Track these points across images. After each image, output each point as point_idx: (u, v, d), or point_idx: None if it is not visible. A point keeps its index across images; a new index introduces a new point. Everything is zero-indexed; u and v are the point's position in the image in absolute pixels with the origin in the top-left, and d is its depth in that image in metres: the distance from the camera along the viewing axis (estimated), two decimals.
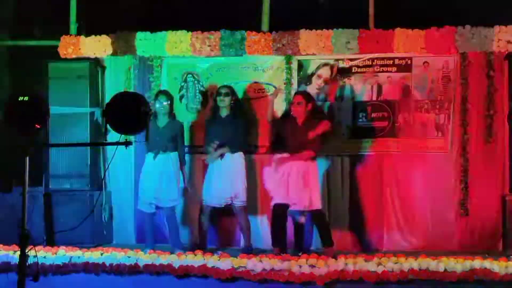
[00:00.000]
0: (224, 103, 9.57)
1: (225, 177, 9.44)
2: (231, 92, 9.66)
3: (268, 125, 10.02)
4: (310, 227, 9.70)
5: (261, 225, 10.12)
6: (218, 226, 10.21)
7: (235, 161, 9.49)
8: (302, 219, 9.34)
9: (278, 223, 9.22)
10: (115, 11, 10.70)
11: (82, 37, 10.53)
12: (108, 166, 10.05)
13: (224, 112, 9.62)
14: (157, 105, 9.53)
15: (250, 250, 9.25)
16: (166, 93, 9.69)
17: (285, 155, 9.26)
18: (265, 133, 10.20)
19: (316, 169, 9.31)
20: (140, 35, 10.42)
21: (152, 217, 9.57)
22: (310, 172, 9.14)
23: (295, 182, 9.08)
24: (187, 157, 9.97)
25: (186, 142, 9.98)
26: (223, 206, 9.54)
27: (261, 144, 10.24)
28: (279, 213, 9.20)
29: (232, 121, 9.53)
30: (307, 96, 9.42)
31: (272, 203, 9.31)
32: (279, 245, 9.17)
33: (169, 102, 9.59)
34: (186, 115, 10.33)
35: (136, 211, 10.10)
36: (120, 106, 6.21)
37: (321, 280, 7.56)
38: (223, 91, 9.63)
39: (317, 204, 9.15)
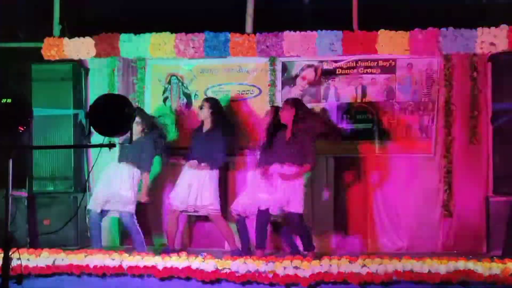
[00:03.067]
0: (202, 116, 9.57)
1: (192, 184, 9.41)
2: (210, 105, 9.57)
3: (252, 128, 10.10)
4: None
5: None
6: (204, 228, 10.22)
7: (205, 172, 9.45)
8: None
9: (263, 226, 9.19)
10: (98, 12, 10.67)
11: (66, 39, 10.51)
12: (92, 168, 10.02)
13: (206, 126, 9.61)
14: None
15: (238, 253, 9.20)
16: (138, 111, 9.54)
17: (286, 170, 9.08)
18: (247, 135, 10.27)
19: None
20: (123, 36, 10.42)
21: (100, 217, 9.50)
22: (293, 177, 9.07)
23: (280, 187, 9.03)
24: None
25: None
26: (182, 211, 9.54)
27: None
28: (264, 217, 9.16)
29: (212, 136, 9.47)
30: (292, 102, 9.27)
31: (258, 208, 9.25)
32: (263, 246, 9.17)
33: (140, 120, 9.46)
34: (170, 117, 10.31)
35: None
36: (104, 108, 6.19)
37: (305, 281, 7.56)
38: (199, 104, 9.70)
39: (298, 209, 9.06)
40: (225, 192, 10.12)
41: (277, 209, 9.02)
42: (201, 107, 9.59)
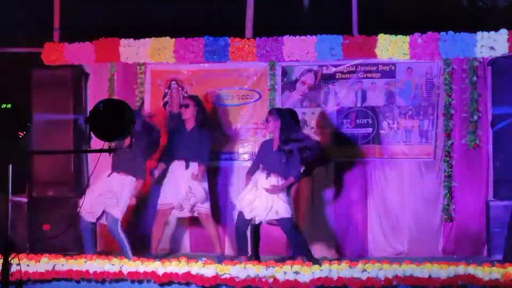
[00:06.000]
0: (186, 114, 9.57)
1: (181, 183, 9.46)
2: (196, 103, 9.59)
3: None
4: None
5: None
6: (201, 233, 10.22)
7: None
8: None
9: (242, 232, 9.17)
10: (98, 17, 10.68)
11: (66, 44, 10.51)
12: (92, 173, 10.01)
13: (190, 125, 9.61)
14: None
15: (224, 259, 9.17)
16: None
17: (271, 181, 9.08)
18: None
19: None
20: (123, 41, 10.42)
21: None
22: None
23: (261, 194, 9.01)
24: None
25: None
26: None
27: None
28: (243, 223, 9.14)
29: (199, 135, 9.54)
30: (276, 113, 9.27)
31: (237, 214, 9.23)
32: (245, 253, 9.13)
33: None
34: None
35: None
36: (103, 113, 6.19)
37: (305, 286, 7.55)
38: (183, 102, 9.70)
39: (284, 213, 8.98)
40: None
41: (263, 215, 9.01)
42: (186, 106, 9.60)
